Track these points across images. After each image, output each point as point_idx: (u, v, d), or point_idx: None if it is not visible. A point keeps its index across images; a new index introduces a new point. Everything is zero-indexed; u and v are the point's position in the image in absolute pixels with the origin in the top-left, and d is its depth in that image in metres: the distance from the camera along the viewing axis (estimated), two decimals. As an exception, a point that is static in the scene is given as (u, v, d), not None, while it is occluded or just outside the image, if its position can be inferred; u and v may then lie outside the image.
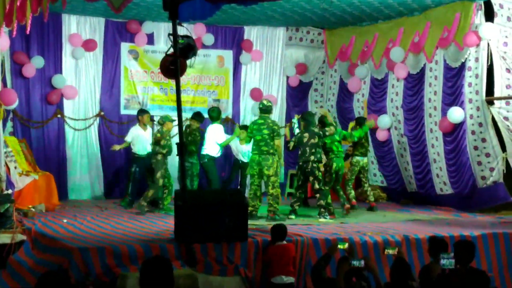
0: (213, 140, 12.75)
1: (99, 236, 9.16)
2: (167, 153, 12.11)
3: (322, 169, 11.86)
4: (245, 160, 13.07)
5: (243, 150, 13.23)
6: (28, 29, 10.09)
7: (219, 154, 13.00)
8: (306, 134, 11.59)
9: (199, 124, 13.01)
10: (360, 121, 13.20)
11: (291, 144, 11.79)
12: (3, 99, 10.70)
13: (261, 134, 11.25)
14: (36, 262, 8.42)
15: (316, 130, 11.66)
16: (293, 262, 8.56)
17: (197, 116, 12.94)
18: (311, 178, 11.50)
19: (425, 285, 6.61)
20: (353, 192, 12.87)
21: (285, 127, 13.35)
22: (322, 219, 11.21)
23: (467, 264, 6.84)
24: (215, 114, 13.02)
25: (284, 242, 8.59)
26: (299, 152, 11.67)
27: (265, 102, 11.62)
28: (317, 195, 11.44)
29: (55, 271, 5.58)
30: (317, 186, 11.45)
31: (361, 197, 14.04)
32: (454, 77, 12.59)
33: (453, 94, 12.61)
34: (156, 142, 12.02)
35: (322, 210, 11.34)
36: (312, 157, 11.44)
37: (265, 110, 11.49)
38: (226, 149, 13.77)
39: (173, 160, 12.93)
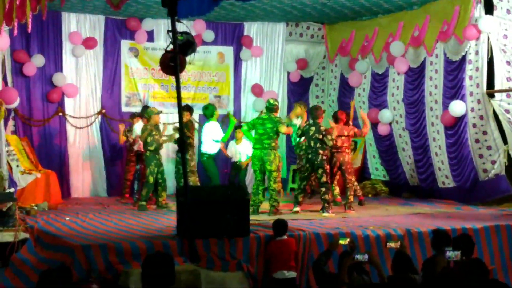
0: (210, 138, 12.73)
1: (101, 233, 9.19)
2: (155, 149, 12.02)
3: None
4: (243, 159, 13.25)
5: (240, 150, 13.32)
6: (29, 27, 10.14)
7: (217, 151, 12.99)
8: (313, 128, 11.61)
9: (190, 116, 13.11)
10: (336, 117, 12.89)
11: (299, 132, 11.83)
12: (4, 98, 10.73)
13: (264, 128, 11.29)
14: (39, 260, 8.44)
15: (322, 128, 11.63)
16: (295, 257, 8.57)
17: (186, 108, 12.69)
18: (320, 171, 11.45)
19: (429, 278, 6.61)
20: (337, 189, 12.87)
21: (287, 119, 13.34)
22: (325, 214, 11.22)
23: (470, 255, 6.85)
24: (208, 112, 12.87)
25: (285, 237, 8.60)
26: (305, 145, 11.71)
27: (271, 101, 11.65)
28: (323, 189, 11.43)
29: (57, 268, 5.60)
30: (324, 179, 11.44)
31: (363, 191, 14.10)
32: (454, 70, 12.58)
33: (454, 88, 12.60)
34: (142, 139, 12.02)
35: (326, 205, 11.35)
36: (320, 150, 11.47)
37: (271, 109, 11.51)
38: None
39: (167, 155, 12.99)
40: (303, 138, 11.86)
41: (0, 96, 10.66)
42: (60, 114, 13.96)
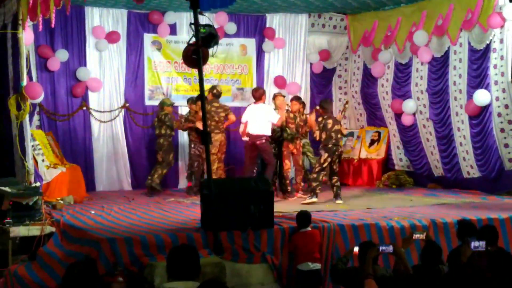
0: (266, 120, 12.13)
1: (126, 226, 9.24)
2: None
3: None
4: None
5: None
6: (53, 22, 10.22)
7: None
8: (330, 121, 11.67)
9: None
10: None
11: (317, 133, 11.87)
12: (29, 93, 10.79)
13: (219, 116, 12.50)
14: (65, 253, 8.51)
15: (337, 118, 12.02)
16: (319, 249, 8.57)
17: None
18: (337, 160, 11.87)
19: (455, 268, 6.58)
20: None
21: (310, 115, 13.28)
22: (339, 201, 11.57)
23: (495, 245, 6.81)
24: (258, 94, 12.45)
25: (309, 228, 8.60)
26: (323, 137, 11.76)
27: (218, 88, 12.94)
28: (335, 178, 11.78)
29: (84, 260, 5.63)
30: (337, 169, 11.89)
31: (388, 181, 14.13)
32: (479, 59, 12.48)
33: (478, 77, 12.51)
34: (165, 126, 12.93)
35: (339, 192, 11.75)
36: (340, 142, 11.87)
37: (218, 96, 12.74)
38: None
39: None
40: None
41: (25, 91, 10.72)
42: (84, 108, 14.05)
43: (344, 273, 6.94)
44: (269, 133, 12.18)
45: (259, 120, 12.13)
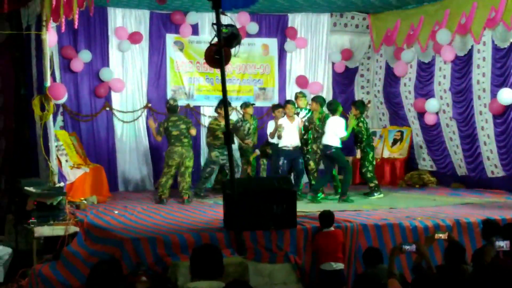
0: (334, 132, 12.11)
1: (149, 227, 9.28)
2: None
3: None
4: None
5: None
6: (76, 23, 10.29)
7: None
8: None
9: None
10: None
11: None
12: (52, 93, 10.87)
13: (179, 129, 12.01)
14: (89, 253, 8.58)
15: None
16: (342, 249, 8.55)
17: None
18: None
19: (479, 268, 6.53)
20: None
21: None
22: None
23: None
24: (334, 107, 12.38)
25: (332, 228, 8.59)
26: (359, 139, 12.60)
27: (171, 102, 12.48)
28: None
29: (108, 260, 5.65)
30: None
31: (410, 181, 14.09)
32: (503, 58, 12.39)
33: (502, 75, 12.41)
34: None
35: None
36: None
37: (173, 109, 12.29)
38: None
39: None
40: None
41: (48, 92, 10.80)
42: (107, 108, 14.11)
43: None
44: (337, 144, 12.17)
45: (329, 132, 12.15)
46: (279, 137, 11.99)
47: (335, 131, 12.01)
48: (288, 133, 12.03)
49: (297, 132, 12.15)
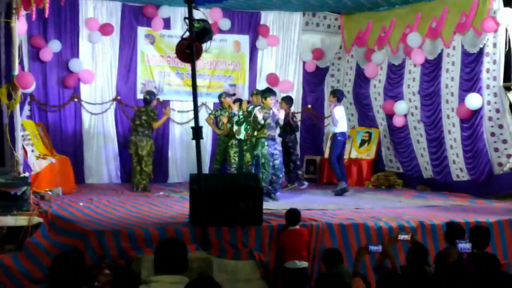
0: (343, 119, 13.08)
1: (115, 220, 9.21)
2: None
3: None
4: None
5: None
6: (47, 12, 10.17)
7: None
8: None
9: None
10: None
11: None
12: (20, 82, 10.74)
13: (140, 120, 12.78)
14: (52, 244, 8.48)
15: None
16: (307, 247, 8.57)
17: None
18: None
19: (441, 270, 6.61)
20: None
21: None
22: None
23: (483, 249, 6.84)
24: (340, 96, 13.29)
25: (298, 226, 8.61)
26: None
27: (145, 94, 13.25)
28: None
29: (71, 252, 5.62)
30: None
31: (377, 182, 14.17)
32: (472, 63, 12.49)
33: (470, 80, 12.53)
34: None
35: None
36: None
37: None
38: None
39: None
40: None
41: (16, 80, 10.67)
42: (76, 100, 14.00)
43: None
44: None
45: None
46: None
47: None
48: None
49: None
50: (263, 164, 11.76)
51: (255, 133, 11.87)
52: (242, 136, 12.65)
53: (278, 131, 12.41)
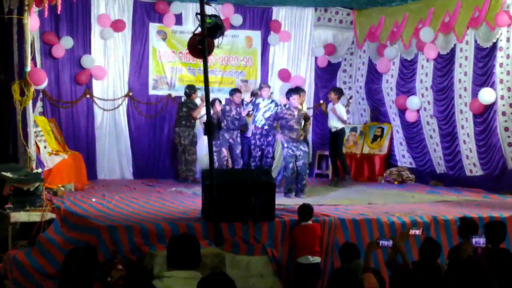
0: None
1: (127, 215, 9.22)
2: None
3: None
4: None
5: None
6: (59, 9, 10.20)
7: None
8: None
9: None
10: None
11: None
12: (32, 79, 10.78)
13: (182, 112, 13.42)
14: (65, 240, 8.50)
15: None
16: (320, 242, 8.55)
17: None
18: None
19: (454, 265, 6.57)
20: None
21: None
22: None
23: (498, 244, 6.80)
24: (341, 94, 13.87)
25: (310, 222, 8.59)
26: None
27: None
28: None
29: (83, 247, 5.62)
30: None
31: (389, 177, 14.13)
32: (485, 57, 12.44)
33: (484, 75, 12.47)
34: None
35: None
36: None
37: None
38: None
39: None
40: None
41: (29, 77, 10.71)
42: (88, 96, 14.02)
43: None
44: None
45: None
46: None
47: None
48: None
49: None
50: (284, 166, 11.84)
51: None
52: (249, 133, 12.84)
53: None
